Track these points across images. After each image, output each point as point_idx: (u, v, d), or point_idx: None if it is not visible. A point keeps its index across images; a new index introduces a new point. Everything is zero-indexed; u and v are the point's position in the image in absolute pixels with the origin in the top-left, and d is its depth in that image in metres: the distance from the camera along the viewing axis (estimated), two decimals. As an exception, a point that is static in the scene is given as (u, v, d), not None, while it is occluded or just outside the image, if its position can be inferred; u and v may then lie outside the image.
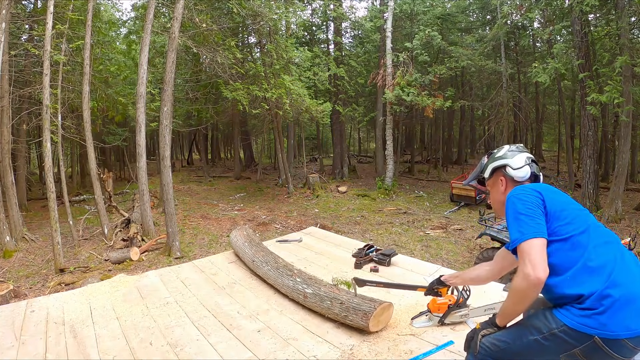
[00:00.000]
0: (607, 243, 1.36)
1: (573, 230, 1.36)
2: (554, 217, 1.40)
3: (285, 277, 3.01)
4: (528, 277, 1.27)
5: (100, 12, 10.93)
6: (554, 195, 1.46)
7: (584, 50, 9.62)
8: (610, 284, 1.25)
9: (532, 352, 1.39)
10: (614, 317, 1.21)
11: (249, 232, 4.11)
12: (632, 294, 1.23)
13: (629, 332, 1.20)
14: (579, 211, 1.44)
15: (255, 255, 3.52)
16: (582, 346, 1.26)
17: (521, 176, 1.61)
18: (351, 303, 2.49)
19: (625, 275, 1.27)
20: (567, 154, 14.39)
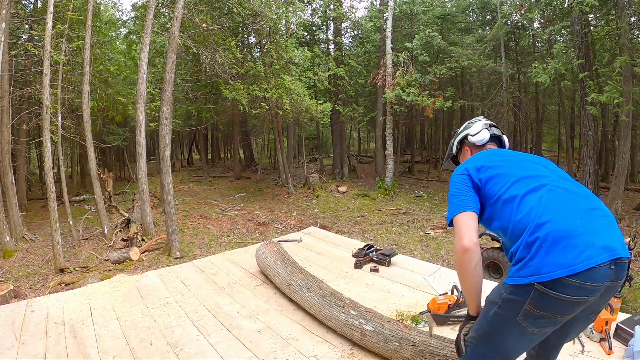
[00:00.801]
0: (533, 189, 1.33)
1: (499, 190, 1.39)
2: (483, 184, 1.45)
3: (335, 308, 2.50)
4: (455, 247, 1.36)
5: (100, 12, 10.93)
6: (483, 163, 1.50)
7: (584, 50, 9.62)
8: (535, 228, 1.23)
9: (497, 327, 1.35)
10: (545, 258, 1.18)
11: (280, 248, 3.55)
12: (558, 231, 1.19)
13: (565, 269, 1.15)
14: (508, 167, 1.44)
15: (292, 277, 2.96)
16: (529, 299, 1.22)
17: (480, 139, 1.73)
18: (427, 346, 2.04)
19: (552, 212, 1.24)
20: (567, 154, 14.39)
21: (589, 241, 1.17)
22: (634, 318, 2.31)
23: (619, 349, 2.16)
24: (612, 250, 1.17)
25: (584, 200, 1.29)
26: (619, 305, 2.49)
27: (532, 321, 1.25)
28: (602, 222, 1.24)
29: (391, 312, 2.70)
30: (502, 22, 12.02)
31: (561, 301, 1.18)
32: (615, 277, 1.21)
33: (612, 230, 1.23)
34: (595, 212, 1.26)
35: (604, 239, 1.19)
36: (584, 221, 1.21)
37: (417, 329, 2.24)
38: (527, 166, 1.45)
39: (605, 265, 1.16)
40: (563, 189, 1.32)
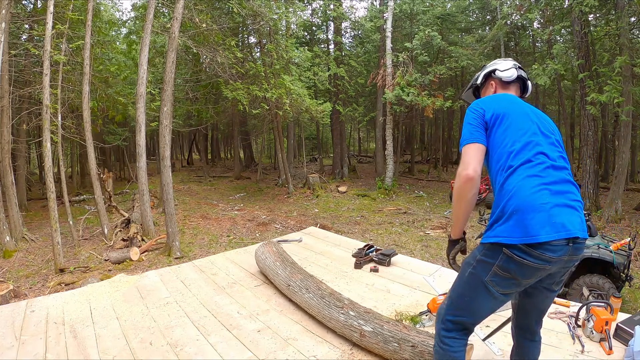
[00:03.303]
0: (526, 161, 1.43)
1: (502, 154, 1.49)
2: (490, 129, 1.55)
3: (334, 308, 2.49)
4: (459, 174, 1.45)
5: (100, 12, 10.93)
6: (500, 111, 1.56)
7: (584, 50, 9.62)
8: (511, 199, 1.38)
9: (470, 287, 1.50)
10: (514, 227, 1.34)
11: (279, 249, 3.54)
12: (530, 205, 1.34)
13: (529, 237, 1.31)
14: (516, 127, 1.51)
15: (292, 278, 2.96)
16: (497, 261, 1.38)
17: (508, 76, 1.77)
18: (426, 347, 2.04)
19: (529, 187, 1.37)
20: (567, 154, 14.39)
21: (553, 218, 1.33)
22: (634, 318, 2.31)
23: (619, 349, 2.16)
24: (570, 230, 1.33)
25: (561, 183, 1.42)
26: (619, 305, 2.49)
27: (498, 281, 1.40)
28: (569, 204, 1.39)
29: (391, 312, 2.70)
30: (502, 22, 12.02)
31: (524, 265, 1.34)
32: (572, 253, 1.37)
33: (574, 213, 1.38)
34: (567, 194, 1.40)
35: (566, 219, 1.34)
36: (553, 200, 1.36)
37: (417, 329, 2.24)
38: (532, 131, 1.51)
39: (563, 241, 1.32)
40: (547, 167, 1.43)
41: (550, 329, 2.43)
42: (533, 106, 1.70)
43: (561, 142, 1.61)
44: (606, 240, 4.86)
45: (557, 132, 1.63)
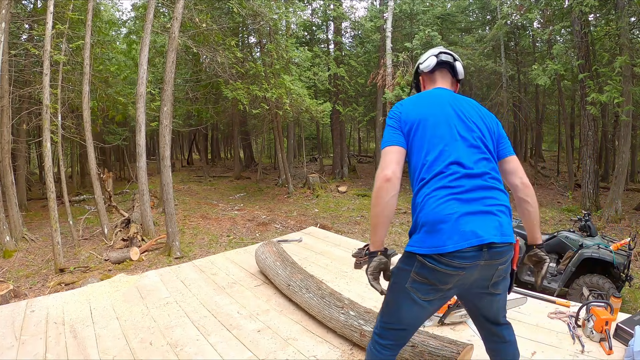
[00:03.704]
0: (438, 174, 1.44)
1: (417, 163, 1.51)
2: (406, 135, 1.54)
3: (334, 308, 2.48)
4: (377, 175, 1.46)
5: (100, 12, 10.92)
6: (415, 111, 1.55)
7: (584, 50, 9.62)
8: (423, 211, 1.41)
9: (394, 295, 1.53)
10: (425, 237, 1.38)
11: (279, 249, 3.54)
12: (439, 216, 1.36)
13: (437, 248, 1.35)
14: (430, 135, 1.49)
15: (292, 278, 2.95)
16: (414, 267, 1.43)
17: (427, 66, 1.72)
18: (426, 347, 2.04)
19: (439, 201, 1.39)
20: (567, 154, 14.38)
21: (461, 227, 1.34)
22: (634, 318, 2.31)
23: (619, 349, 2.16)
24: (482, 237, 1.33)
25: (474, 191, 1.40)
26: (619, 305, 2.49)
27: (417, 287, 1.44)
28: (484, 210, 1.38)
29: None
30: (502, 22, 12.02)
31: (437, 272, 1.37)
32: (490, 258, 1.37)
33: (490, 218, 1.38)
34: (482, 200, 1.40)
35: (478, 226, 1.34)
36: (461, 209, 1.36)
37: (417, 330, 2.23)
38: (449, 137, 1.48)
39: (474, 248, 1.33)
40: (460, 177, 1.41)
41: (550, 329, 2.43)
42: (461, 96, 1.66)
43: (487, 134, 1.54)
44: (606, 240, 4.86)
45: (485, 123, 1.56)
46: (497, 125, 1.63)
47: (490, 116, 1.63)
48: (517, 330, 2.41)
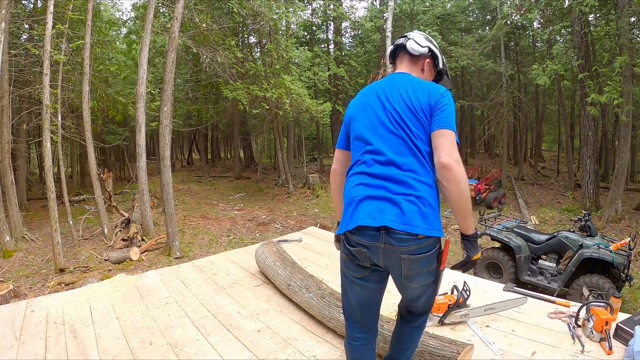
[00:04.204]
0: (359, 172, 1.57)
1: (352, 147, 1.67)
2: (346, 130, 1.74)
3: (334, 308, 2.46)
4: None
5: (100, 12, 10.92)
6: (350, 113, 1.71)
7: (584, 50, 9.62)
8: (346, 199, 1.58)
9: (341, 280, 1.70)
10: (342, 220, 1.58)
11: (280, 249, 3.51)
12: (345, 200, 1.58)
13: (345, 227, 1.54)
14: (361, 121, 1.62)
15: (292, 278, 2.93)
16: (342, 247, 1.63)
17: (389, 57, 1.82)
18: (426, 347, 2.04)
19: (353, 190, 1.55)
20: (567, 154, 14.39)
21: (362, 207, 1.48)
22: (634, 318, 2.31)
23: (619, 349, 2.16)
24: (377, 218, 1.43)
25: (379, 178, 1.49)
26: (619, 305, 2.49)
27: (347, 265, 1.62)
28: (385, 196, 1.46)
29: (391, 312, 2.70)
30: (502, 22, 12.02)
31: (350, 248, 1.55)
32: (389, 242, 1.44)
33: (387, 205, 1.45)
34: (385, 187, 1.47)
35: (375, 209, 1.45)
36: (365, 193, 1.50)
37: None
38: (371, 128, 1.57)
39: (371, 229, 1.45)
40: (372, 164, 1.53)
41: (550, 329, 2.43)
42: (398, 77, 1.63)
43: (411, 116, 1.49)
44: (606, 240, 4.86)
45: (410, 104, 1.51)
46: (430, 97, 1.50)
47: (423, 91, 1.52)
48: (517, 330, 2.42)
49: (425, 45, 1.68)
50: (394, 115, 1.52)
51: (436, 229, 1.45)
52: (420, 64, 1.71)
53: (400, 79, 1.62)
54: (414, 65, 1.71)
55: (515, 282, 4.51)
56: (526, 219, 8.79)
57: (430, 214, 1.44)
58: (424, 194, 1.45)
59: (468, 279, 3.27)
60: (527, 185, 13.82)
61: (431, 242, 1.47)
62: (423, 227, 1.41)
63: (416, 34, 1.72)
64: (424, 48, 1.68)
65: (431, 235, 1.43)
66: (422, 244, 1.44)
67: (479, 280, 3.43)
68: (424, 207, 1.43)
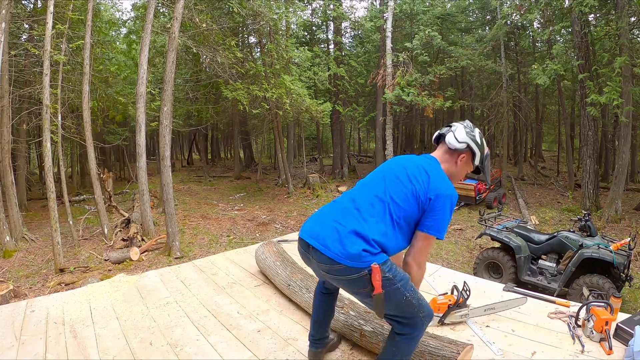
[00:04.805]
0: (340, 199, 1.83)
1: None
2: None
3: (335, 309, 2.48)
4: None
5: (100, 12, 10.93)
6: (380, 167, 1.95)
7: (584, 50, 9.62)
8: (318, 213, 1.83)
9: None
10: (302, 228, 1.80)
11: (280, 249, 3.49)
12: (311, 218, 1.81)
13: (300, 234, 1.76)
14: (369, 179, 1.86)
15: (292, 278, 2.92)
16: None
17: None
18: (426, 347, 2.04)
19: (321, 210, 1.81)
20: (567, 154, 14.39)
21: (309, 224, 1.76)
22: (634, 318, 2.31)
23: (619, 349, 2.16)
24: (311, 237, 1.67)
25: (341, 212, 1.70)
26: (619, 305, 2.49)
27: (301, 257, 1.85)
28: (331, 224, 1.66)
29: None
30: (501, 22, 12.02)
31: (300, 249, 1.78)
32: (314, 258, 1.66)
33: (328, 231, 1.64)
34: (337, 219, 1.67)
35: (315, 230, 1.69)
36: (321, 216, 1.76)
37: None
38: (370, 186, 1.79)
39: (304, 242, 1.70)
40: (346, 202, 1.75)
41: (550, 329, 2.43)
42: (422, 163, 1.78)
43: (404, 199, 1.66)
44: (606, 240, 4.86)
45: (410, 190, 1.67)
46: (430, 194, 1.65)
47: (430, 186, 1.67)
48: (517, 330, 2.42)
49: (463, 141, 1.79)
50: (388, 191, 1.69)
51: (351, 258, 1.55)
52: (455, 157, 1.82)
53: (424, 163, 1.77)
54: (449, 156, 1.83)
55: (515, 282, 4.52)
56: (526, 219, 8.79)
57: (352, 244, 1.56)
58: (367, 236, 1.58)
59: (468, 279, 3.27)
60: (527, 185, 13.83)
61: (344, 267, 1.57)
62: (344, 257, 1.55)
63: (459, 128, 1.82)
64: (461, 144, 1.79)
65: (341, 262, 1.56)
66: (336, 266, 1.58)
67: (479, 280, 3.43)
68: (360, 244, 1.56)
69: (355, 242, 1.56)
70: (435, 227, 1.65)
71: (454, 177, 1.84)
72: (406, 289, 1.65)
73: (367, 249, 1.56)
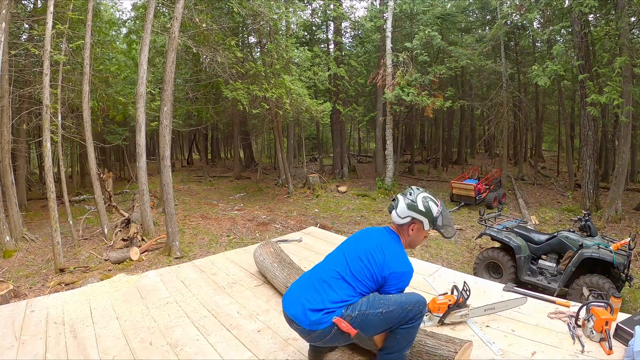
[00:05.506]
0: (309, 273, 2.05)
1: None
2: None
3: None
4: None
5: (100, 12, 10.92)
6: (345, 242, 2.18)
7: (584, 50, 9.61)
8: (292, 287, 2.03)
9: None
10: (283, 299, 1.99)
11: (277, 249, 3.52)
12: (288, 291, 2.00)
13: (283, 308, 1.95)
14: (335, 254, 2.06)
15: (289, 279, 2.99)
16: None
17: None
18: (424, 346, 2.04)
19: (299, 285, 1.99)
20: (567, 154, 14.39)
21: (287, 303, 1.93)
22: (634, 318, 2.31)
23: (619, 349, 2.16)
24: (288, 311, 1.89)
25: (306, 287, 1.93)
26: (619, 305, 2.49)
27: None
28: (299, 299, 1.89)
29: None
30: (501, 22, 12.02)
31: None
32: (295, 329, 1.90)
33: (298, 306, 1.86)
34: (304, 293, 1.90)
35: (291, 304, 1.91)
36: (297, 291, 1.96)
37: None
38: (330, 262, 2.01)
39: (288, 317, 1.90)
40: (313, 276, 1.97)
41: (550, 329, 2.43)
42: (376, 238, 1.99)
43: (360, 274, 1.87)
44: (606, 240, 4.86)
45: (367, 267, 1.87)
46: (383, 277, 1.86)
47: (386, 264, 1.87)
48: (517, 330, 2.42)
49: (405, 216, 1.95)
50: (351, 265, 1.90)
51: (314, 324, 1.78)
52: (406, 229, 1.99)
53: (382, 241, 1.95)
54: (402, 229, 2.00)
55: (515, 282, 4.51)
56: (526, 219, 8.79)
57: (313, 314, 1.79)
58: (325, 307, 1.80)
59: (468, 279, 3.27)
60: (527, 185, 13.83)
61: (316, 333, 1.80)
62: (313, 323, 1.78)
63: (400, 203, 1.98)
64: (405, 219, 1.96)
65: (311, 329, 1.79)
66: (310, 334, 1.83)
67: (479, 280, 3.43)
68: (310, 310, 1.81)
69: (317, 312, 1.80)
70: (388, 301, 1.86)
71: (414, 244, 2.04)
72: (376, 308, 1.80)
73: (327, 312, 1.79)
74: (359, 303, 1.81)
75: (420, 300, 1.88)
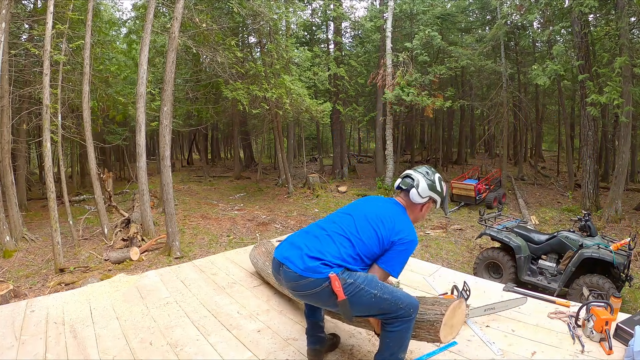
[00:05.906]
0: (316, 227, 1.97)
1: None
2: None
3: None
4: None
5: (100, 12, 10.93)
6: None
7: (584, 50, 9.61)
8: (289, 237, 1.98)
9: None
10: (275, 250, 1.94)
11: (268, 248, 3.47)
12: (284, 240, 1.95)
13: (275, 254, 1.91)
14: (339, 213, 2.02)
15: None
16: None
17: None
18: None
19: (297, 235, 1.96)
20: (567, 154, 14.39)
21: (282, 246, 1.91)
22: (634, 318, 2.31)
23: (619, 349, 2.16)
24: (284, 257, 1.83)
25: (312, 239, 1.87)
26: (619, 305, 2.49)
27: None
28: (300, 246, 1.83)
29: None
30: (501, 22, 12.02)
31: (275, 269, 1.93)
32: (284, 277, 1.82)
33: (298, 253, 1.80)
34: (308, 243, 1.84)
35: (288, 250, 1.85)
36: (296, 240, 1.89)
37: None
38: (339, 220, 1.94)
39: (277, 261, 1.86)
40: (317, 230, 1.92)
41: (550, 329, 2.43)
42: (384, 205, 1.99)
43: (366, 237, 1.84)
44: (606, 240, 4.86)
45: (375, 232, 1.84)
46: (391, 242, 1.84)
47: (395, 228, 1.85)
48: (517, 330, 2.42)
49: (426, 195, 1.96)
50: (358, 226, 1.87)
51: (310, 270, 1.72)
52: (419, 207, 2.00)
53: (391, 209, 1.94)
54: (414, 207, 2.00)
55: (515, 282, 4.51)
56: (526, 219, 8.79)
57: (311, 260, 1.74)
58: (328, 261, 1.74)
59: (468, 279, 3.27)
60: (527, 185, 13.83)
61: (307, 281, 1.73)
62: (309, 270, 1.73)
63: (421, 183, 1.96)
64: (424, 199, 1.96)
65: (303, 275, 1.73)
66: (300, 282, 1.75)
67: (479, 280, 3.43)
68: (309, 255, 1.76)
69: (315, 259, 1.75)
70: (391, 264, 1.84)
71: (419, 220, 2.05)
72: (372, 287, 1.74)
73: (325, 263, 1.73)
74: (357, 275, 1.76)
75: (414, 304, 1.80)
